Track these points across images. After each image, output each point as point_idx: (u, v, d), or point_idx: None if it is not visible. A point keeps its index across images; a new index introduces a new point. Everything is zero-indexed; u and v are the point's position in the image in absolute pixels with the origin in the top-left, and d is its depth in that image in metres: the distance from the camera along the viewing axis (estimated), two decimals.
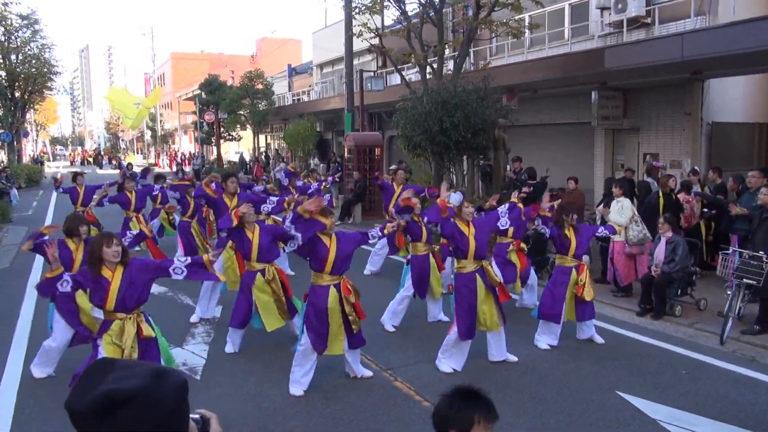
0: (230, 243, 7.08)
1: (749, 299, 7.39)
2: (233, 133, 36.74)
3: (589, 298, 6.79)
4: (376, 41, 16.66)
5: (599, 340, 6.93)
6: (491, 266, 6.66)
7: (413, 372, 6.06)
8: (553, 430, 4.88)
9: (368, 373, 5.88)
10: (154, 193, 11.81)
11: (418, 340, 6.98)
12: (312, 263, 5.54)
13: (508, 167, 13.09)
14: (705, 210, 9.63)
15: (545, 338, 6.81)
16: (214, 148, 38.25)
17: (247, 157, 37.90)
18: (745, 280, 6.91)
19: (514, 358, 6.28)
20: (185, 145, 57.01)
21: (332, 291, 5.48)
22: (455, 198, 6.25)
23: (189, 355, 6.42)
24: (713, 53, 11.29)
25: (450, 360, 6.08)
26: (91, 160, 62.05)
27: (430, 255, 7.56)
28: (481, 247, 6.09)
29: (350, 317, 5.47)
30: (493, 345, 6.24)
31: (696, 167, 12.23)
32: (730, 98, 16.02)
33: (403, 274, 7.68)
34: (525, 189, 11.61)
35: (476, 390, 2.60)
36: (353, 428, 4.89)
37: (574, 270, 6.81)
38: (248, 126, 35.07)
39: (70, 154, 72.26)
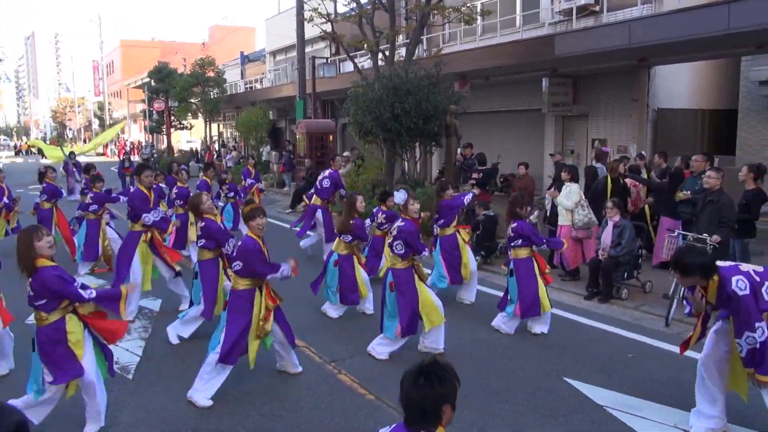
0: None
1: None
2: (184, 122, 35.87)
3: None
4: (327, 27, 16.37)
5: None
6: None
7: (358, 364, 5.90)
8: (500, 419, 4.79)
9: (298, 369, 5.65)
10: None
11: (364, 331, 6.81)
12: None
13: (458, 152, 13.03)
14: (648, 195, 9.72)
15: (540, 326, 6.80)
16: (165, 138, 37.30)
17: (199, 146, 37.14)
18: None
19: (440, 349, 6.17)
20: (135, 134, 55.58)
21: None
22: (399, 197, 6.09)
23: (122, 353, 6.11)
24: (659, 40, 11.41)
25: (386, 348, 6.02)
26: (35, 150, 59.82)
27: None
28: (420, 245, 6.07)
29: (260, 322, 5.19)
30: (430, 335, 6.14)
31: (642, 152, 12.38)
32: (675, 85, 16.32)
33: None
34: (475, 175, 11.67)
35: (440, 361, 2.54)
36: (293, 425, 4.71)
37: (534, 260, 6.76)
38: (200, 114, 34.30)
39: (16, 145, 69.65)
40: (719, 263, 4.24)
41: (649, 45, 11.76)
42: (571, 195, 8.52)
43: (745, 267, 4.29)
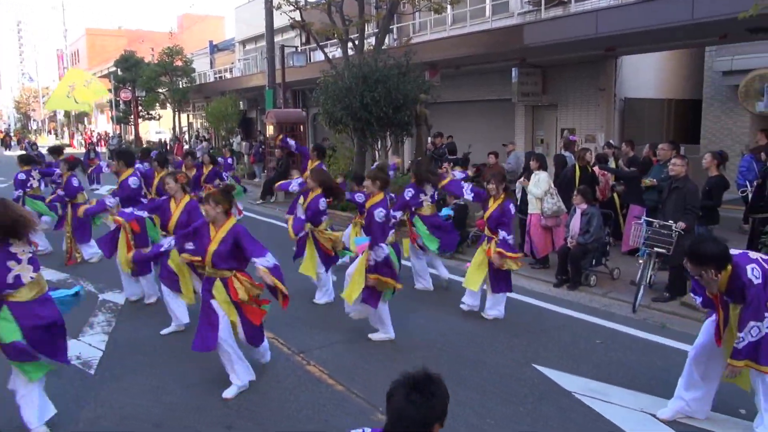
0: None
1: (660, 267, 7.58)
2: (152, 112, 35.21)
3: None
4: (297, 15, 16.19)
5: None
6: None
7: (327, 354, 5.85)
8: (467, 408, 4.78)
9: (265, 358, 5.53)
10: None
11: (334, 321, 6.77)
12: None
13: (429, 141, 13.03)
14: (614, 183, 9.80)
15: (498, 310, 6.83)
16: (133, 128, 36.62)
17: (168, 137, 36.50)
18: (655, 248, 7.05)
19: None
20: (102, 124, 54.40)
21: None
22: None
23: (84, 348, 5.96)
24: (626, 29, 11.53)
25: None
26: None
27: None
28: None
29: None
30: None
31: (611, 140, 12.51)
32: (641, 75, 16.53)
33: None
34: (446, 165, 11.65)
35: (432, 374, 2.36)
36: (260, 418, 4.64)
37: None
38: (168, 104, 33.71)
39: None
40: (731, 251, 4.16)
41: (616, 34, 11.87)
42: (540, 183, 8.56)
43: (753, 254, 4.24)
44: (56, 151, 11.85)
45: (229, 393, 4.91)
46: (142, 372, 5.47)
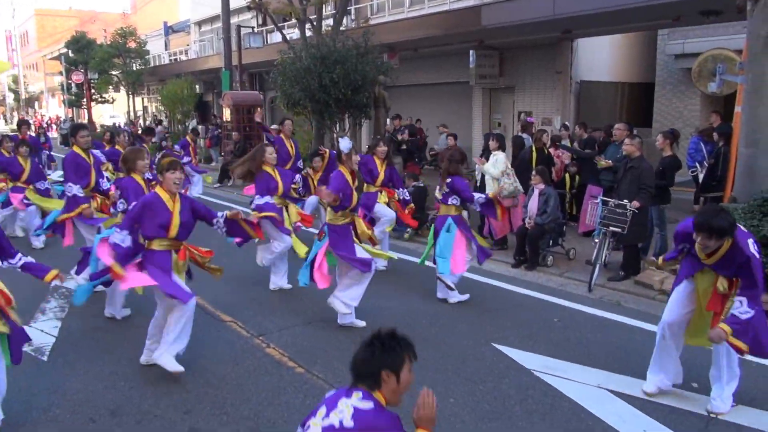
0: None
1: (614, 247, 7.74)
2: (105, 96, 34.22)
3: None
4: None
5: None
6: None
7: (287, 337, 5.80)
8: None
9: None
10: None
11: (293, 305, 6.72)
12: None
13: (388, 122, 12.99)
14: (567, 164, 9.93)
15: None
16: (86, 112, 35.54)
17: (123, 121, 35.51)
18: (611, 227, 7.18)
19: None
20: (54, 108, 52.65)
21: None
22: (345, 144, 5.90)
23: (36, 334, 5.78)
24: (582, 11, 11.65)
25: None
26: None
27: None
28: (361, 201, 5.93)
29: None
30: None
31: (566, 123, 12.68)
32: (596, 58, 16.79)
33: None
34: (401, 136, 11.65)
35: (400, 334, 2.69)
36: (219, 401, 4.57)
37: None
38: (122, 87, 32.81)
39: None
40: None
41: (572, 16, 11.98)
42: (497, 164, 8.61)
43: (743, 228, 4.33)
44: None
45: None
46: (96, 358, 5.33)
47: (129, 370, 5.10)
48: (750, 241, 4.14)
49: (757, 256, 4.09)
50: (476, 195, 6.80)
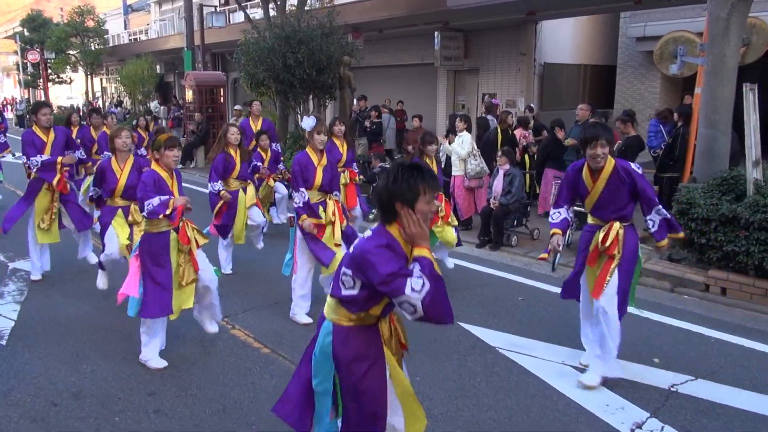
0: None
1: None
2: (63, 76, 33.16)
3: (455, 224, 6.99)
4: None
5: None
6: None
7: (252, 318, 5.78)
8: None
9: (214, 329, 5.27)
10: None
11: (258, 285, 6.68)
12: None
13: (354, 102, 12.92)
14: (527, 144, 10.00)
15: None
16: (43, 93, 34.40)
17: (81, 102, 34.52)
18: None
19: None
20: (9, 89, 50.90)
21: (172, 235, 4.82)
22: (308, 122, 5.81)
23: None
24: None
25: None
26: None
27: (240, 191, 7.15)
28: (327, 181, 5.78)
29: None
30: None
31: (531, 104, 12.78)
32: (560, 41, 16.93)
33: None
34: (367, 123, 11.61)
35: (420, 165, 2.67)
36: (185, 383, 4.53)
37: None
38: (80, 68, 31.83)
39: None
40: None
41: None
42: (464, 144, 8.66)
43: None
44: None
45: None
46: (57, 341, 5.24)
47: (91, 352, 5.02)
48: (632, 164, 4.41)
49: (640, 170, 4.38)
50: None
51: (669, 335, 5.44)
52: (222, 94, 17.91)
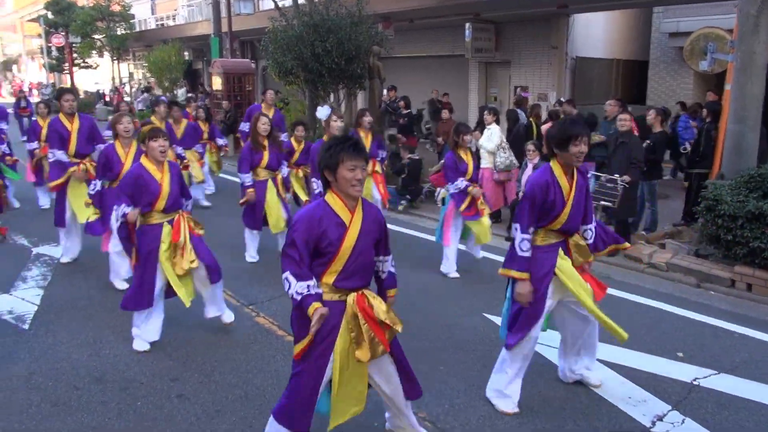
0: None
1: (606, 222, 7.71)
2: (88, 61, 33.31)
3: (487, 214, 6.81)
4: None
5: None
6: None
7: (277, 306, 5.71)
8: (418, 356, 4.74)
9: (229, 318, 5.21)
10: None
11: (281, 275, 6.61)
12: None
13: (384, 93, 12.79)
14: None
15: (452, 267, 6.72)
16: (68, 77, 34.65)
17: (108, 88, 34.75)
18: (602, 202, 7.16)
19: None
20: (34, 73, 51.50)
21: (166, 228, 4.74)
22: (323, 112, 5.76)
23: (17, 302, 5.67)
24: None
25: None
26: None
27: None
28: None
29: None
30: None
31: (562, 98, 12.57)
32: (592, 35, 16.65)
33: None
34: (401, 120, 11.52)
35: (346, 135, 3.10)
36: (207, 369, 4.49)
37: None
38: (106, 52, 31.96)
39: None
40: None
41: None
42: (492, 137, 8.51)
43: None
44: None
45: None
46: (79, 326, 5.23)
47: (113, 338, 5.00)
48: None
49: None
50: (452, 185, 6.57)
51: (694, 330, 5.39)
52: (250, 82, 17.85)
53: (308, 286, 2.94)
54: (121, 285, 6.04)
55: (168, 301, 4.94)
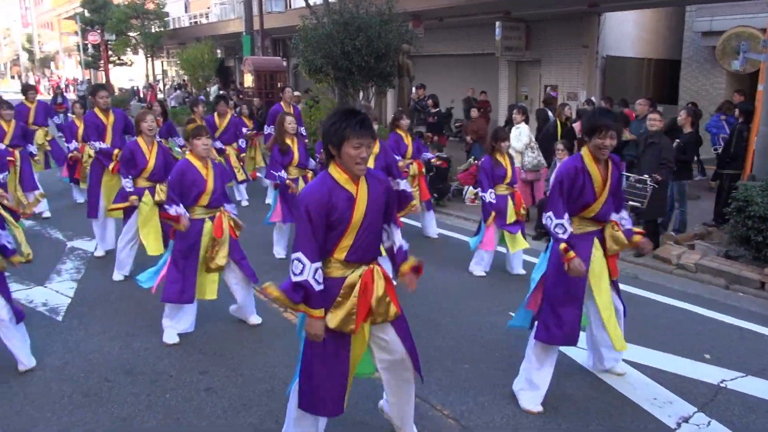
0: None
1: (634, 221, 7.64)
2: (123, 58, 33.98)
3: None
4: None
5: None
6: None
7: None
8: (444, 352, 4.79)
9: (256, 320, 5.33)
10: None
11: None
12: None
13: (413, 91, 12.81)
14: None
15: (480, 266, 6.71)
16: (103, 74, 35.37)
17: (141, 85, 35.37)
18: (630, 202, 7.09)
19: None
20: (70, 69, 52.62)
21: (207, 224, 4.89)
22: None
23: (51, 295, 5.84)
24: None
25: None
26: None
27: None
28: (380, 167, 5.84)
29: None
30: None
31: (591, 98, 12.45)
32: (623, 33, 16.44)
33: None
34: (429, 119, 11.53)
35: (352, 109, 2.95)
36: (235, 363, 4.57)
37: (510, 198, 6.60)
38: (140, 50, 32.55)
39: None
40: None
41: None
42: (521, 136, 8.48)
43: None
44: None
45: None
46: (111, 319, 5.36)
47: (144, 331, 5.11)
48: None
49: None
50: (484, 193, 6.55)
51: (722, 332, 5.33)
52: (281, 79, 18.00)
53: (317, 270, 2.92)
54: (118, 277, 6.28)
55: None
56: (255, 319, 5.28)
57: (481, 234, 6.66)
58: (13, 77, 64.81)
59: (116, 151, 6.83)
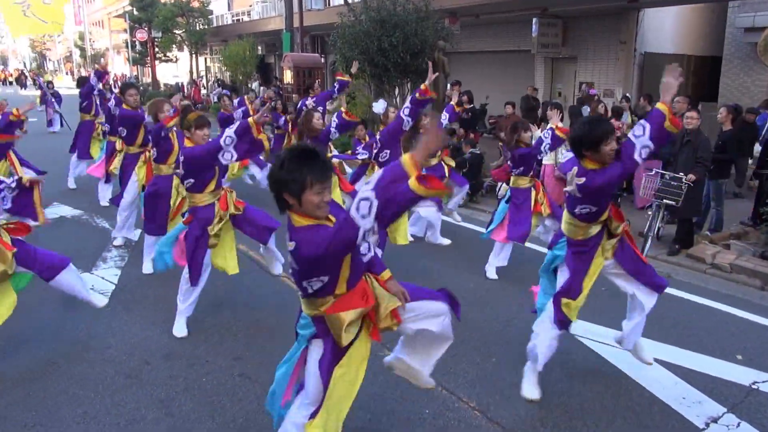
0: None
1: (668, 220, 7.60)
2: (169, 54, 34.82)
3: (546, 214, 6.63)
4: None
5: None
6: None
7: None
8: (470, 347, 4.89)
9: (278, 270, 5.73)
10: None
11: None
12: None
13: (448, 87, 12.86)
14: (619, 136, 9.69)
15: (498, 262, 6.67)
16: (150, 71, 36.27)
17: (186, 81, 36.10)
18: (665, 200, 7.06)
19: None
20: (119, 66, 54.05)
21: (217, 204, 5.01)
22: (379, 106, 5.94)
23: (97, 281, 6.12)
24: None
25: None
26: (12, 80, 58.31)
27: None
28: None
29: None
30: None
31: (627, 95, 12.33)
32: (662, 29, 16.14)
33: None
34: (464, 115, 11.56)
35: (310, 149, 2.59)
36: (267, 350, 4.75)
37: (532, 189, 6.54)
38: (185, 47, 33.31)
39: None
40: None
41: None
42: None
43: None
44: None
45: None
46: (152, 305, 5.61)
47: None
48: None
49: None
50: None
51: (755, 333, 5.28)
52: (319, 75, 18.25)
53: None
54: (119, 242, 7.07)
55: (236, 286, 5.26)
56: (276, 270, 5.68)
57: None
58: (66, 73, 66.85)
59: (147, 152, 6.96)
